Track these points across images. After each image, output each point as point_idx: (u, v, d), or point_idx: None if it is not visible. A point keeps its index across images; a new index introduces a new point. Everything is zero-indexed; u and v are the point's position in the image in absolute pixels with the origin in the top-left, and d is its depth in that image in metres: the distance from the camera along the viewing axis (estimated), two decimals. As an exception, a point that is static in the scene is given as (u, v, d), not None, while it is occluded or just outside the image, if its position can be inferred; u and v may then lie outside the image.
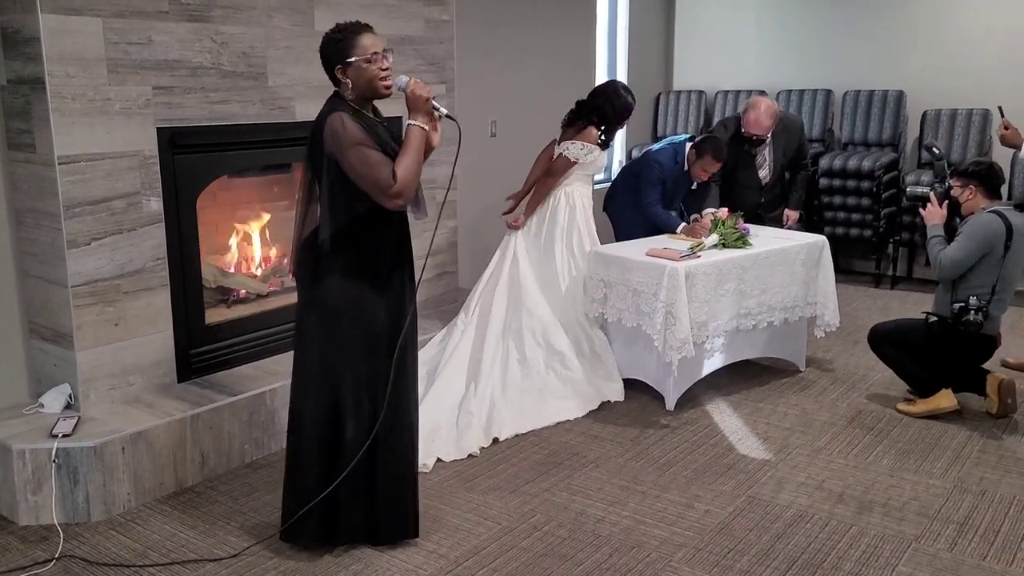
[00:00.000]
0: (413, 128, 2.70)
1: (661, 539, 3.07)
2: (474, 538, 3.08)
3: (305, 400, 2.87)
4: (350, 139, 2.63)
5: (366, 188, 2.67)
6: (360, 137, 2.64)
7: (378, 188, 2.65)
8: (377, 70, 2.70)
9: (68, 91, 3.22)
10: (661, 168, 4.77)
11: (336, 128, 2.64)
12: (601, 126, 4.49)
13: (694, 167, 4.77)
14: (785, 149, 4.98)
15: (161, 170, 3.55)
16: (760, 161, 4.98)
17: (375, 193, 2.66)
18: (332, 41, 2.72)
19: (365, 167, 2.64)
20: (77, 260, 3.33)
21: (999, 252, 3.87)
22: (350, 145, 2.63)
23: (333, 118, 2.66)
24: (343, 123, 2.64)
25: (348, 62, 2.69)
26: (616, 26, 7.34)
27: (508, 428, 3.92)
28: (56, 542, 3.04)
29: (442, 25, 4.74)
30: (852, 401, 4.32)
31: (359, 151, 2.63)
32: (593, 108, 4.51)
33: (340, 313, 2.79)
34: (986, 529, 3.13)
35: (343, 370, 2.83)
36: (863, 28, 6.85)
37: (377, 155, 2.66)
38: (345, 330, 2.80)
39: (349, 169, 2.65)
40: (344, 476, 2.84)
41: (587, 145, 4.48)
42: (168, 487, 3.41)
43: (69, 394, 3.43)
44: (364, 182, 2.66)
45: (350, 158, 2.64)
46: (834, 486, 3.45)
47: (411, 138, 2.70)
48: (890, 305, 6.01)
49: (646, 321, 4.09)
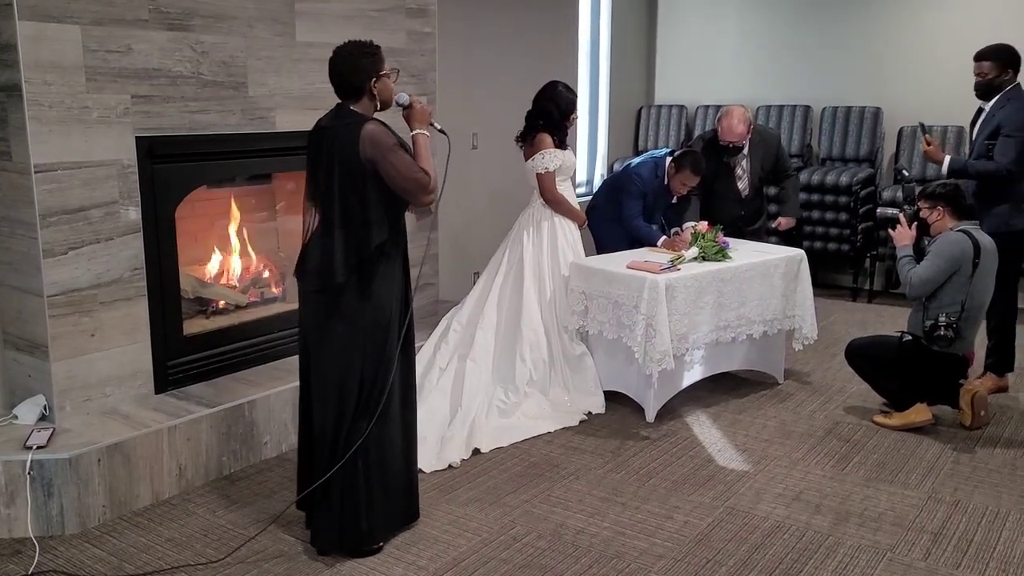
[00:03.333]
0: (421, 136, 2.96)
1: (640, 550, 3.08)
2: (453, 550, 3.06)
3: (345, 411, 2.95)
4: (391, 143, 2.82)
5: (407, 188, 2.85)
6: (396, 141, 2.84)
7: (419, 185, 2.85)
8: (392, 84, 2.96)
9: (45, 99, 3.20)
10: (642, 181, 4.79)
11: (377, 135, 2.81)
12: (550, 128, 4.49)
13: (673, 181, 4.79)
14: (762, 161, 5.02)
15: (139, 179, 3.52)
16: (739, 173, 5.02)
17: (415, 190, 2.86)
18: (367, 55, 2.89)
19: (407, 168, 2.83)
20: (53, 269, 3.29)
21: (967, 270, 3.94)
22: (389, 150, 2.81)
23: (371, 127, 2.82)
24: (383, 131, 2.83)
25: (381, 75, 2.89)
26: (599, 40, 7.39)
27: (489, 440, 3.92)
28: (30, 555, 3.00)
29: (424, 37, 4.76)
30: (829, 413, 4.36)
31: (399, 155, 2.83)
32: (538, 113, 4.51)
33: (391, 322, 2.95)
34: (959, 539, 3.16)
35: (373, 376, 2.93)
36: (842, 46, 6.94)
37: (409, 158, 2.87)
38: (380, 335, 2.94)
39: (390, 171, 2.82)
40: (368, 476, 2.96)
41: (547, 152, 4.46)
42: (144, 499, 3.37)
43: (44, 405, 3.39)
44: (405, 183, 2.84)
45: (392, 161, 2.81)
46: (811, 497, 3.47)
47: (423, 144, 2.95)
48: (867, 319, 6.07)
49: (626, 333, 4.10)
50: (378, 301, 2.92)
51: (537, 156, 4.48)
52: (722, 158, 4.96)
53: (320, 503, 2.98)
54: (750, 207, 5.04)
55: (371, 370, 2.93)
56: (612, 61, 7.42)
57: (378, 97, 2.90)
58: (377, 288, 2.91)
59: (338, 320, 2.91)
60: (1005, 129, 4.30)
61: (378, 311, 2.92)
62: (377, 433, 2.94)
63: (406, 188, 2.84)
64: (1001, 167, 4.29)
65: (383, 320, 2.93)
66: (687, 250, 4.40)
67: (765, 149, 5.00)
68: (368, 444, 2.92)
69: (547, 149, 4.47)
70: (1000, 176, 4.30)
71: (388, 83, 2.92)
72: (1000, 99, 4.39)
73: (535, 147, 4.49)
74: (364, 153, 2.79)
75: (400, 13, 4.59)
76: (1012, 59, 4.39)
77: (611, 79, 7.46)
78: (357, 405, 2.93)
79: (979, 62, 4.43)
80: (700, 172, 4.73)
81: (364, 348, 2.92)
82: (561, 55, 6.56)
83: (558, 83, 4.58)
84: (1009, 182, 4.31)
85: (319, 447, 2.98)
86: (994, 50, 4.40)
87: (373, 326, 2.92)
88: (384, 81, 2.90)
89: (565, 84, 4.58)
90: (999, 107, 4.38)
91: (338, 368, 2.93)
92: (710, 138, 5.07)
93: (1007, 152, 4.29)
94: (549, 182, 4.50)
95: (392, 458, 3.02)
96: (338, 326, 2.92)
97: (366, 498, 2.95)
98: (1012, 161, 4.29)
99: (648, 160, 4.91)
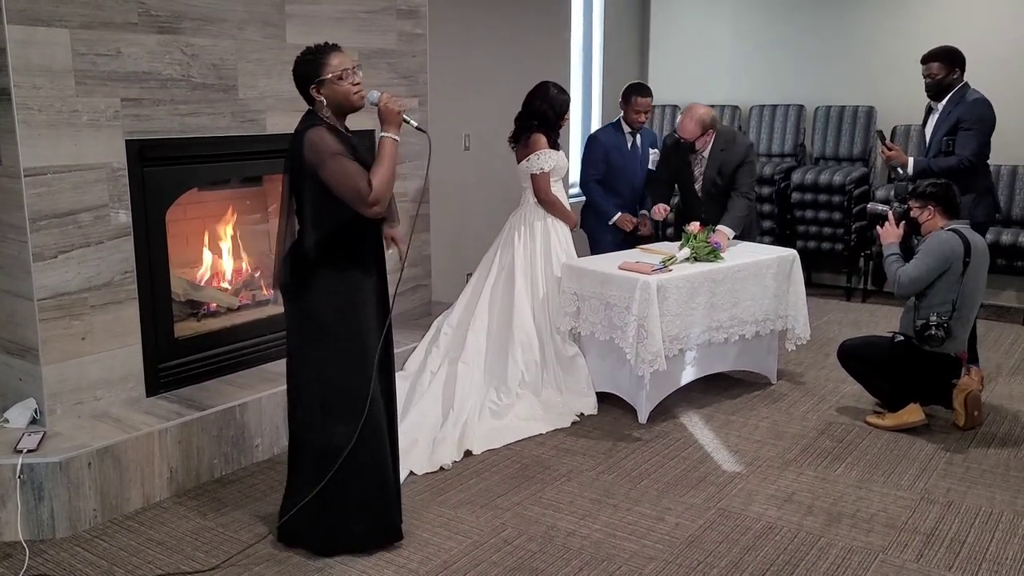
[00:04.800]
0: (386, 139, 2.83)
1: (631, 552, 3.07)
2: (444, 552, 3.06)
3: (296, 410, 2.99)
4: (330, 151, 2.75)
5: (345, 197, 2.77)
6: (337, 149, 2.77)
7: (357, 196, 2.75)
8: (350, 85, 2.85)
9: (35, 103, 3.20)
10: (599, 143, 4.90)
11: (315, 141, 2.76)
12: (545, 129, 4.51)
13: (630, 114, 5.01)
14: (721, 168, 4.84)
15: (130, 183, 3.52)
16: (696, 174, 4.97)
17: (354, 201, 2.77)
18: (304, 62, 2.87)
19: (344, 176, 2.75)
20: (43, 273, 3.29)
21: (958, 269, 3.94)
22: (329, 156, 2.75)
23: (311, 132, 2.78)
24: (322, 137, 2.77)
25: (321, 80, 2.83)
26: (591, 40, 7.39)
27: (480, 442, 3.91)
28: (21, 559, 2.99)
29: (415, 39, 4.75)
30: (822, 414, 4.36)
31: (338, 161, 2.75)
32: (532, 114, 4.53)
33: (330, 323, 2.89)
34: (952, 540, 3.16)
35: (337, 379, 2.91)
36: (835, 45, 6.95)
37: (354, 165, 2.78)
38: (340, 340, 2.90)
39: (329, 179, 2.76)
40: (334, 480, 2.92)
41: (542, 153, 4.48)
42: (135, 503, 3.36)
43: (35, 409, 3.38)
44: (343, 191, 2.76)
45: (329, 169, 2.75)
46: (803, 498, 3.48)
47: (385, 148, 2.82)
48: (860, 318, 6.07)
49: (618, 335, 4.10)
50: (333, 307, 2.88)
51: (532, 157, 4.48)
52: (686, 154, 4.93)
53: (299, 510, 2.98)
54: (710, 209, 4.87)
55: (340, 377, 2.90)
56: (605, 61, 7.42)
57: (327, 102, 2.84)
58: (329, 293, 2.87)
59: (295, 323, 2.95)
60: (964, 123, 4.48)
61: (332, 316, 2.88)
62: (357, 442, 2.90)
63: (346, 197, 2.77)
64: (962, 159, 4.46)
65: (346, 326, 2.88)
66: (679, 250, 4.41)
67: (725, 159, 4.82)
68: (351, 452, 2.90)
69: (542, 150, 4.48)
70: (962, 168, 4.45)
71: (336, 87, 2.82)
72: (953, 97, 4.57)
73: (530, 148, 4.50)
74: (306, 159, 2.77)
75: (391, 14, 4.58)
76: (958, 59, 4.59)
77: (604, 79, 7.45)
78: (324, 409, 2.91)
79: (927, 63, 4.62)
80: (645, 92, 5.01)
81: (327, 354, 2.89)
82: (554, 55, 6.56)
83: (550, 83, 4.59)
84: (971, 174, 4.47)
85: (294, 452, 3.04)
86: (941, 52, 4.59)
87: (332, 331, 2.88)
88: (331, 85, 2.82)
89: (557, 84, 4.60)
90: (954, 104, 4.56)
91: (296, 369, 2.97)
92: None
93: (967, 145, 4.47)
94: (545, 183, 4.50)
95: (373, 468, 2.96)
96: (296, 329, 2.95)
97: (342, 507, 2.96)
98: (973, 153, 4.47)
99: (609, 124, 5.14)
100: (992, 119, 4.53)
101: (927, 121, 4.73)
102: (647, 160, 5.17)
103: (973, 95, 4.54)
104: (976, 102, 4.50)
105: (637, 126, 5.07)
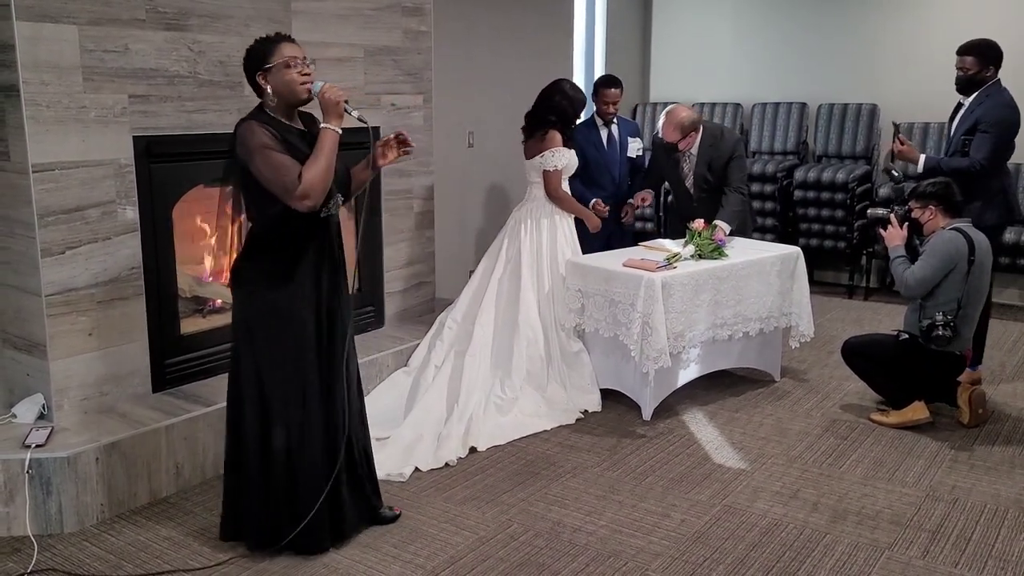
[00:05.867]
0: (326, 131, 2.77)
1: (637, 548, 3.08)
2: (451, 548, 3.07)
3: (236, 407, 2.96)
4: (256, 144, 2.71)
5: (274, 191, 2.74)
6: (265, 142, 2.72)
7: (284, 190, 2.71)
8: (296, 75, 2.78)
9: (43, 99, 3.20)
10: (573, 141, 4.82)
11: (243, 135, 2.74)
12: (561, 125, 4.53)
13: (600, 106, 5.11)
14: (710, 164, 4.83)
15: (137, 179, 3.52)
16: (684, 171, 4.95)
17: (282, 195, 2.73)
18: (252, 50, 2.84)
19: (270, 170, 2.71)
20: (51, 269, 3.30)
21: (963, 268, 3.94)
22: (256, 150, 2.71)
23: (241, 127, 2.76)
24: (251, 130, 2.73)
25: (267, 68, 2.78)
26: (594, 38, 7.39)
27: (485, 439, 3.92)
28: (29, 554, 3.00)
29: (420, 36, 4.76)
30: (826, 411, 4.37)
31: (265, 155, 2.71)
32: (550, 109, 4.54)
33: (258, 320, 2.86)
34: (958, 537, 3.17)
35: (271, 376, 2.88)
36: (838, 42, 6.95)
37: (283, 158, 2.72)
38: (270, 337, 2.86)
39: (257, 173, 2.73)
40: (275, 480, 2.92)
41: (557, 151, 4.50)
42: (142, 498, 3.37)
43: (42, 404, 3.39)
44: (271, 185, 2.73)
45: (256, 162, 2.72)
46: (808, 495, 3.48)
47: (323, 141, 2.76)
48: (864, 316, 6.08)
49: (623, 331, 4.11)
50: (261, 303, 2.86)
51: (547, 153, 4.50)
52: (672, 152, 4.92)
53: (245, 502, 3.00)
54: (703, 206, 4.85)
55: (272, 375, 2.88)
56: (608, 58, 7.42)
57: (271, 91, 2.78)
58: (254, 289, 2.86)
59: (233, 319, 2.96)
60: (982, 125, 4.37)
61: (251, 312, 2.87)
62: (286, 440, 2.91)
63: (275, 191, 2.72)
64: (974, 162, 4.36)
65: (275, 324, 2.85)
66: (684, 247, 4.42)
67: (715, 154, 4.82)
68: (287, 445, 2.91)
69: (558, 148, 4.51)
70: (972, 172, 4.35)
71: (281, 75, 2.75)
72: (979, 95, 4.44)
73: (546, 144, 4.52)
74: (238, 151, 2.75)
75: (396, 11, 4.59)
76: (995, 56, 4.43)
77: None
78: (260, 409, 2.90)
79: (963, 56, 4.47)
80: (613, 83, 5.12)
81: (249, 351, 2.88)
82: (557, 53, 6.57)
83: (567, 81, 4.66)
84: (981, 177, 4.36)
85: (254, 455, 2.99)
86: (978, 45, 4.44)
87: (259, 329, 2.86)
88: (275, 74, 2.75)
89: (572, 82, 4.66)
90: (978, 103, 4.43)
91: (233, 366, 2.96)
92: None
93: (982, 148, 4.35)
94: (557, 180, 4.52)
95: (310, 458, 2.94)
96: (233, 323, 2.96)
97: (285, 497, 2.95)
98: (985, 157, 4.34)
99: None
100: (1014, 123, 4.41)
101: (954, 116, 4.62)
102: (627, 150, 5.21)
103: (1000, 96, 4.40)
104: (999, 104, 4.37)
105: (608, 117, 5.13)
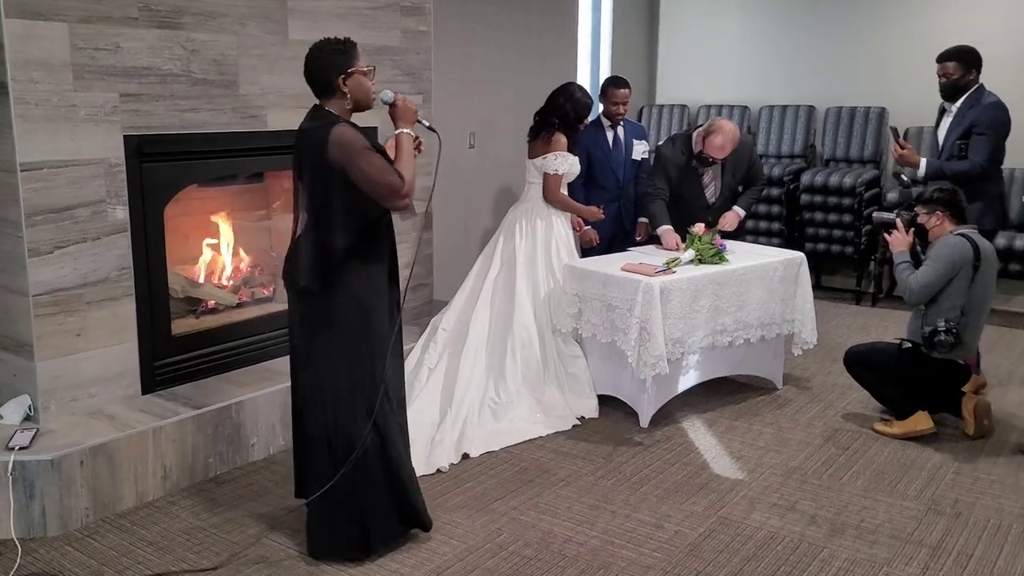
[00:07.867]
0: (405, 135, 2.86)
1: (628, 560, 3.02)
2: (438, 557, 3.01)
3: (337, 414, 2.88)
4: (361, 146, 2.74)
5: (378, 191, 2.76)
6: (366, 144, 2.76)
7: (390, 189, 2.76)
8: (369, 83, 2.87)
9: (32, 97, 3.16)
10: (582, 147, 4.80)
11: (346, 138, 2.73)
12: (564, 129, 4.50)
13: (607, 108, 5.02)
14: (735, 171, 4.82)
15: (127, 178, 3.48)
16: (706, 181, 4.87)
17: (387, 195, 2.77)
18: (336, 51, 2.82)
19: (376, 171, 2.74)
20: (39, 269, 3.26)
21: (968, 274, 3.87)
22: (361, 152, 2.73)
23: (338, 129, 2.75)
24: (353, 134, 2.76)
25: (351, 72, 2.80)
26: (599, 39, 7.33)
27: (479, 445, 3.86)
28: (12, 557, 2.96)
29: (419, 36, 4.71)
30: (828, 420, 4.29)
31: (370, 157, 2.75)
32: (555, 111, 4.52)
33: (349, 322, 2.86)
34: (959, 553, 3.09)
35: (364, 379, 2.88)
36: (846, 45, 6.86)
37: (383, 160, 2.79)
38: (355, 338, 2.87)
39: (360, 175, 2.74)
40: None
41: (560, 155, 4.48)
42: (128, 502, 3.33)
43: (29, 405, 3.35)
44: (376, 186, 2.75)
45: (361, 165, 2.73)
46: (806, 507, 3.41)
47: (404, 144, 2.86)
48: (870, 323, 5.99)
49: (620, 337, 4.04)
50: (353, 305, 2.85)
51: (551, 156, 4.47)
52: (691, 163, 4.83)
53: (318, 510, 2.94)
54: (717, 215, 4.81)
55: (360, 374, 2.88)
56: (613, 60, 7.36)
57: (350, 95, 2.82)
58: (351, 292, 2.85)
59: (317, 323, 2.88)
60: (978, 128, 4.38)
61: (353, 315, 2.86)
62: (379, 438, 2.90)
63: (378, 193, 2.77)
64: (975, 164, 4.37)
65: (361, 324, 2.86)
66: (684, 252, 4.35)
67: (737, 159, 4.78)
68: (374, 448, 2.89)
69: (561, 151, 4.48)
70: (974, 174, 4.35)
71: (362, 81, 2.83)
72: (968, 99, 4.47)
73: (550, 146, 4.49)
74: (332, 156, 2.73)
75: (395, 11, 4.53)
76: (976, 60, 4.47)
77: (614, 78, 7.38)
78: (351, 408, 2.88)
79: (943, 63, 4.50)
80: (621, 84, 5.02)
81: (347, 352, 2.86)
82: (561, 54, 6.50)
83: (575, 85, 4.64)
84: (983, 179, 4.38)
85: (314, 451, 2.94)
86: (958, 51, 4.48)
87: (352, 330, 2.86)
88: (357, 78, 2.81)
89: (582, 87, 4.64)
90: (968, 107, 4.45)
91: (322, 371, 2.89)
92: (683, 140, 4.88)
93: (981, 150, 4.37)
94: (556, 184, 4.49)
95: (398, 463, 2.97)
96: (317, 329, 2.88)
97: (371, 503, 2.92)
98: (985, 159, 4.37)
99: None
100: (1007, 124, 4.43)
101: (940, 123, 4.64)
102: (631, 152, 5.13)
103: (988, 98, 4.44)
104: (991, 106, 4.40)
105: (616, 119, 5.05)
